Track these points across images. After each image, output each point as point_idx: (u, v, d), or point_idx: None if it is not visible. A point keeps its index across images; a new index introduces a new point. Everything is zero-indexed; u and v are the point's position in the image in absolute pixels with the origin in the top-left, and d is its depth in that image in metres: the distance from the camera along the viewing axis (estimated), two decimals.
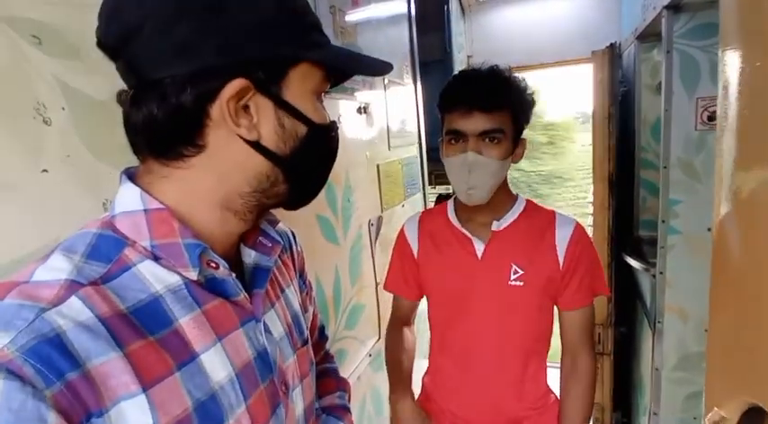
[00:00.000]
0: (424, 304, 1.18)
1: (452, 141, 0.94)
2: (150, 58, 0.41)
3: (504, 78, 0.93)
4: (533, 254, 1.00)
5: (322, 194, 1.21)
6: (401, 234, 1.15)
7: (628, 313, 2.36)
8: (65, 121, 0.60)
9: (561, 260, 0.99)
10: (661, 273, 1.68)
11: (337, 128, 0.54)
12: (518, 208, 1.03)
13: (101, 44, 0.43)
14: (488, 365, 1.04)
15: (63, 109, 0.60)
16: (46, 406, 0.32)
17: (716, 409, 0.68)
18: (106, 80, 0.65)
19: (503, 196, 1.02)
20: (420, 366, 1.21)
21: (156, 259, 0.43)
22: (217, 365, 0.44)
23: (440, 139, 1.01)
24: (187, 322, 0.43)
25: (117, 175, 0.65)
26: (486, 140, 0.91)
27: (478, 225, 1.03)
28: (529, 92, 0.96)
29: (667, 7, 1.47)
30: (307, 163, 0.49)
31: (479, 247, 1.02)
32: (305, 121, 0.46)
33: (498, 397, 1.06)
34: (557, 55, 2.87)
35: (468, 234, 1.02)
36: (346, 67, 0.52)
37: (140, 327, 0.40)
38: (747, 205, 0.57)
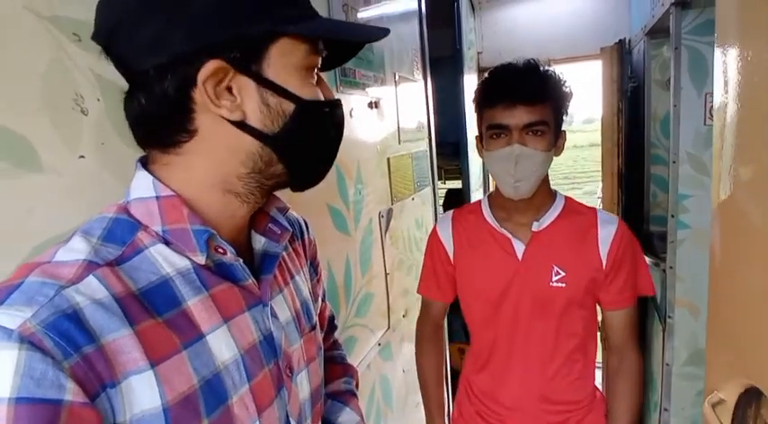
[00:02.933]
0: None
1: (495, 135, 0.93)
2: (132, 53, 0.43)
3: (543, 71, 0.94)
4: (575, 255, 0.98)
5: (333, 185, 1.27)
6: (434, 235, 1.13)
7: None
8: (100, 111, 0.65)
9: (604, 259, 0.98)
10: (671, 268, 1.68)
11: (338, 104, 0.52)
12: (558, 207, 1.01)
13: (96, 41, 0.46)
14: (531, 368, 1.02)
15: (98, 100, 0.64)
16: (65, 376, 0.34)
17: (715, 391, 0.70)
18: None
19: (543, 193, 1.00)
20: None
21: (166, 243, 0.45)
22: (222, 345, 0.46)
23: (476, 135, 1.00)
24: (195, 304, 0.45)
25: None
26: (530, 133, 0.91)
27: (517, 224, 1.01)
28: (567, 84, 0.96)
29: (675, 4, 1.48)
30: (299, 140, 0.48)
31: (519, 248, 1.00)
32: (291, 98, 0.46)
33: (541, 398, 1.03)
34: (566, 51, 2.86)
35: (508, 235, 1.00)
36: (327, 35, 0.50)
37: (150, 307, 0.42)
38: (744, 196, 0.59)
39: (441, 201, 2.58)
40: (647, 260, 1.98)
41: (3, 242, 0.54)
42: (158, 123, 0.45)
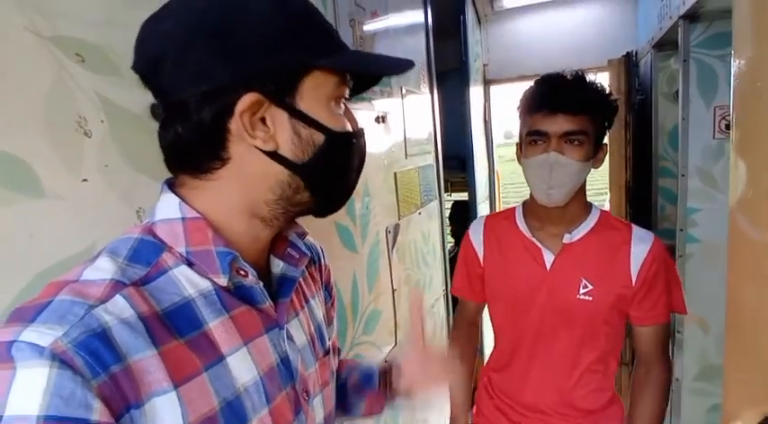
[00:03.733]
0: None
1: (533, 142, 0.94)
2: (172, 83, 0.44)
3: (587, 83, 0.94)
4: (605, 270, 0.98)
5: None
6: (466, 239, 1.15)
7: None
8: (104, 133, 0.63)
9: (635, 277, 0.97)
10: None
11: (363, 134, 0.54)
12: (591, 221, 1.01)
13: (135, 71, 0.47)
14: (550, 376, 1.03)
15: (102, 121, 0.63)
16: (92, 395, 0.35)
17: (732, 421, 0.68)
18: (142, 94, 0.68)
19: (578, 205, 1.00)
20: None
21: (189, 264, 0.46)
22: (243, 367, 0.46)
23: (516, 142, 1.02)
24: (216, 326, 0.45)
25: (151, 185, 0.69)
26: (568, 142, 0.92)
27: (549, 235, 1.02)
28: (612, 97, 0.97)
29: (683, 17, 1.47)
30: (326, 170, 0.50)
31: (549, 258, 1.00)
32: (321, 129, 0.47)
33: (558, 404, 1.04)
34: (573, 63, 2.84)
35: (538, 244, 1.01)
36: (358, 68, 0.52)
37: (173, 328, 0.42)
38: (763, 211, 0.57)
39: (447, 213, 2.56)
40: None
41: (3, 269, 0.52)
42: (192, 150, 0.46)
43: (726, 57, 1.51)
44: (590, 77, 0.96)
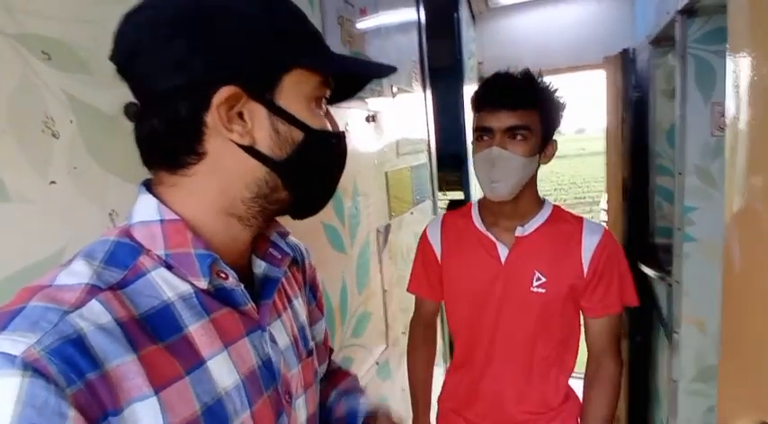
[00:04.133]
0: None
1: (480, 138, 0.97)
2: (149, 76, 0.44)
3: (531, 79, 0.96)
4: (557, 261, 1.00)
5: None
6: (424, 237, 1.16)
7: (643, 322, 2.31)
8: (72, 134, 0.61)
9: (586, 268, 1.00)
10: (677, 282, 1.64)
11: (343, 136, 0.53)
12: (544, 214, 1.03)
13: (113, 62, 0.46)
14: (508, 369, 1.05)
15: (71, 122, 0.61)
16: (66, 404, 0.34)
17: None
18: (113, 94, 0.67)
19: (529, 199, 1.02)
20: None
21: (168, 267, 0.45)
22: (224, 371, 0.46)
23: (471, 140, 1.03)
24: (196, 329, 0.45)
25: (124, 186, 0.67)
26: (512, 137, 0.94)
27: (503, 229, 1.04)
28: (558, 94, 0.98)
29: (681, 12, 1.45)
30: (304, 168, 0.49)
31: (503, 251, 1.02)
32: (300, 127, 0.47)
33: (516, 401, 1.06)
34: (569, 61, 2.84)
35: (493, 238, 1.03)
36: (340, 69, 0.52)
37: (152, 332, 0.41)
38: (760, 211, 0.56)
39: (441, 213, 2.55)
40: (652, 272, 1.94)
41: None
42: (169, 144, 0.46)
43: (724, 53, 1.48)
44: (535, 74, 0.98)
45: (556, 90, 0.98)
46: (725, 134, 1.60)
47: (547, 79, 0.99)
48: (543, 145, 0.97)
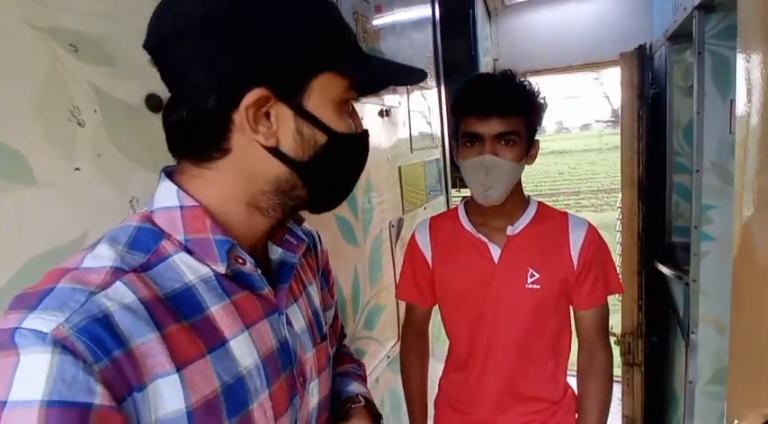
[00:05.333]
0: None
1: (468, 144, 0.97)
2: (181, 65, 0.45)
3: (517, 83, 0.97)
4: (548, 257, 1.02)
5: None
6: (412, 241, 1.16)
7: (659, 322, 2.27)
8: (97, 123, 0.64)
9: (575, 261, 1.02)
10: (694, 281, 1.61)
11: (366, 136, 0.54)
12: (531, 212, 1.05)
13: (145, 49, 0.47)
14: (507, 367, 1.05)
15: (95, 111, 0.64)
16: (94, 380, 0.35)
17: (736, 421, 0.66)
18: (136, 85, 0.69)
19: (516, 199, 1.04)
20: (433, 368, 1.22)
21: (188, 252, 0.46)
22: (244, 351, 0.47)
23: (453, 142, 1.04)
24: (217, 310, 0.46)
25: (144, 174, 0.70)
26: (502, 142, 0.94)
27: (493, 229, 1.05)
28: (541, 96, 0.99)
29: (698, 7, 1.43)
30: (325, 170, 0.50)
31: (495, 252, 1.03)
32: (324, 130, 0.48)
33: (517, 397, 1.07)
34: (585, 57, 2.81)
35: (484, 239, 1.04)
36: (369, 76, 0.52)
37: (175, 312, 0.43)
38: None
39: None
40: (668, 271, 1.91)
41: None
42: (194, 137, 0.47)
43: None
44: (518, 77, 0.99)
45: (538, 92, 0.99)
46: None
47: (531, 80, 1.00)
48: (528, 147, 0.99)
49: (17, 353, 0.34)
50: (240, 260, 0.48)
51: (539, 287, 1.01)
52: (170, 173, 0.50)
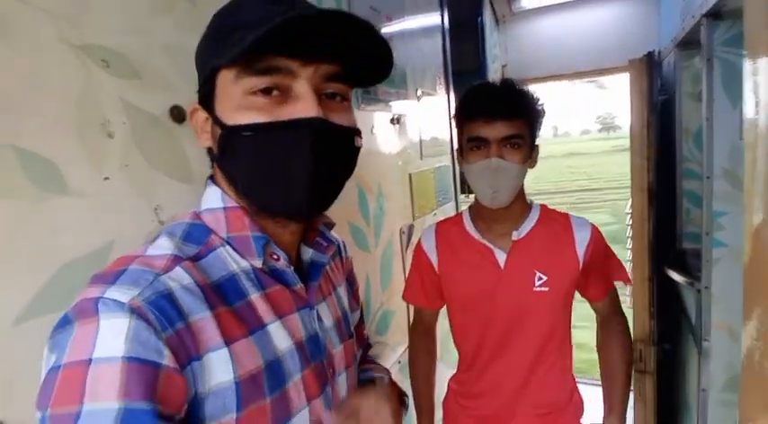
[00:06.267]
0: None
1: (474, 148, 0.99)
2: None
3: (519, 89, 1.00)
4: (554, 259, 1.04)
5: (354, 202, 1.27)
6: (419, 247, 1.17)
7: (671, 329, 2.26)
8: (125, 134, 0.67)
9: (581, 260, 1.04)
10: (707, 288, 1.61)
11: (299, 125, 0.46)
12: (534, 215, 1.07)
13: None
14: (515, 370, 1.07)
15: (124, 123, 0.67)
16: (162, 344, 0.40)
17: None
18: (161, 97, 0.72)
19: (520, 203, 1.06)
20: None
21: (232, 248, 0.52)
22: (280, 336, 0.52)
23: (457, 147, 1.07)
24: (257, 298, 0.51)
25: (168, 183, 0.73)
26: (508, 146, 0.97)
27: (498, 235, 1.06)
28: (540, 102, 1.03)
29: (707, 15, 1.44)
30: (236, 166, 0.50)
31: (501, 257, 1.05)
32: (218, 123, 0.49)
33: (525, 401, 1.08)
34: (592, 64, 2.82)
35: (489, 245, 1.05)
36: (240, 51, 0.43)
37: (223, 296, 0.48)
38: None
39: None
40: (680, 278, 1.90)
41: (28, 262, 0.56)
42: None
43: None
44: (519, 84, 1.02)
45: (538, 98, 1.02)
46: None
47: (531, 88, 1.04)
48: (531, 150, 1.02)
49: (97, 319, 0.39)
50: (275, 257, 0.53)
51: (547, 289, 1.02)
52: (213, 179, 0.55)
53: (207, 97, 0.50)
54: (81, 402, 0.36)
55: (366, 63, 0.51)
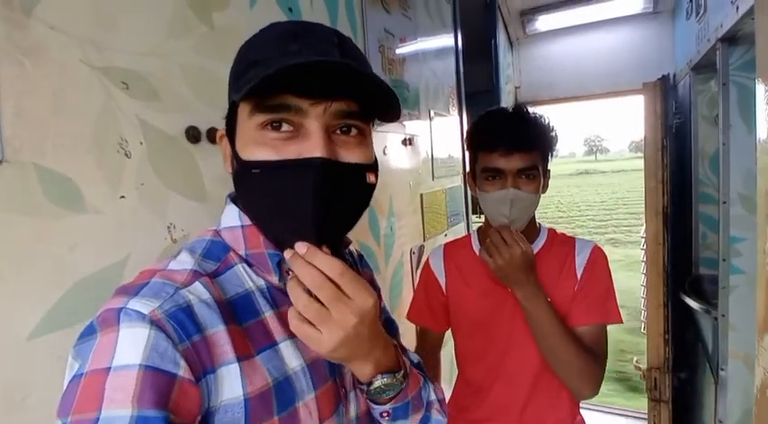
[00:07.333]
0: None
1: (490, 178, 1.00)
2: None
3: (533, 119, 1.01)
4: (558, 281, 1.04)
5: (365, 222, 1.27)
6: (427, 267, 1.18)
7: (687, 357, 2.20)
8: (142, 154, 0.69)
9: (578, 279, 1.04)
10: (723, 316, 1.57)
11: (303, 165, 0.46)
12: (542, 239, 1.08)
13: None
14: (520, 392, 1.06)
15: (141, 143, 0.69)
16: (179, 355, 0.42)
17: None
18: (177, 118, 0.74)
19: (531, 227, 1.07)
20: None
21: (249, 265, 0.53)
22: (291, 354, 0.52)
23: (467, 173, 1.07)
24: (270, 316, 0.52)
25: (182, 201, 0.74)
26: (524, 176, 0.98)
27: None
28: (554, 129, 1.03)
29: (722, 39, 1.43)
30: (248, 197, 0.52)
31: None
32: (235, 156, 0.51)
33: (524, 418, 1.06)
34: (606, 86, 2.82)
35: None
36: (249, 92, 0.44)
37: (237, 314, 0.49)
38: None
39: None
40: (696, 305, 1.86)
41: (44, 278, 0.57)
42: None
43: None
44: (531, 112, 1.02)
45: (552, 126, 1.02)
46: None
47: (544, 112, 1.03)
48: (544, 179, 1.02)
49: (118, 329, 0.41)
50: (290, 274, 0.52)
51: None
52: (233, 198, 0.57)
53: (230, 128, 0.52)
54: (99, 409, 0.37)
55: (378, 102, 0.51)
